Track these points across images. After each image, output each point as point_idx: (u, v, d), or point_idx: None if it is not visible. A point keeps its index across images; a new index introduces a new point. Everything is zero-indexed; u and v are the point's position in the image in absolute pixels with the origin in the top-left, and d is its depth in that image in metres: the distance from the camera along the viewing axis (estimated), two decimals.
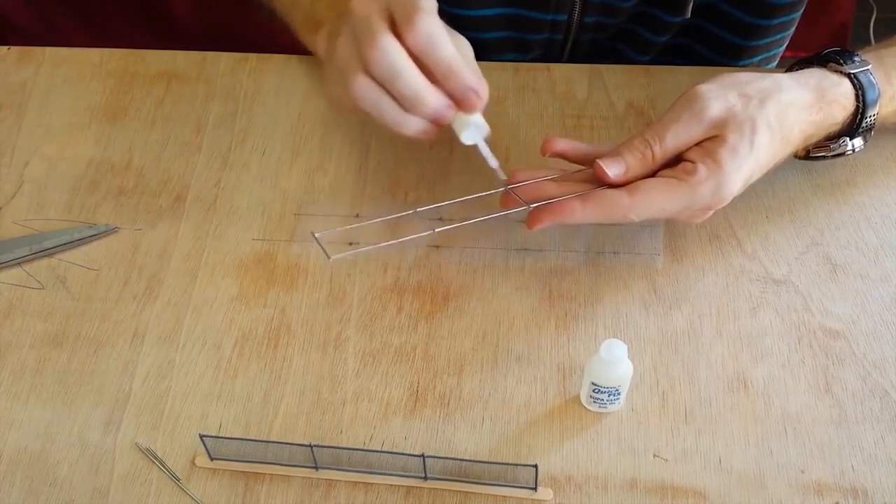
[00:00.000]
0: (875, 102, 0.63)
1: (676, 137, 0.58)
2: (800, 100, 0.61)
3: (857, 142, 0.64)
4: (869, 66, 0.64)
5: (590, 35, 0.82)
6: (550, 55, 0.84)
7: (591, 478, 0.55)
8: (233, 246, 0.66)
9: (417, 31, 0.56)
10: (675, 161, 0.59)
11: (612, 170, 0.58)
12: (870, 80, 0.63)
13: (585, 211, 0.58)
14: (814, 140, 0.64)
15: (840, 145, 0.64)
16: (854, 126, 0.64)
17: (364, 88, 0.57)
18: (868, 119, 0.63)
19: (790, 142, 0.61)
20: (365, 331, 0.61)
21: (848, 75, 0.63)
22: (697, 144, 0.59)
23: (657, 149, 0.58)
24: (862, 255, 0.65)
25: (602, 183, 0.59)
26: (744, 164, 0.58)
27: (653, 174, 0.59)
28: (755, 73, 0.61)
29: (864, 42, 0.87)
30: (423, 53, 0.56)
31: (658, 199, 0.58)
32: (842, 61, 0.64)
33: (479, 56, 0.61)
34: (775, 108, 0.59)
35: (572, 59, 0.83)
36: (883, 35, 0.71)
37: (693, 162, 0.58)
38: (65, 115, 0.75)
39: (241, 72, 0.78)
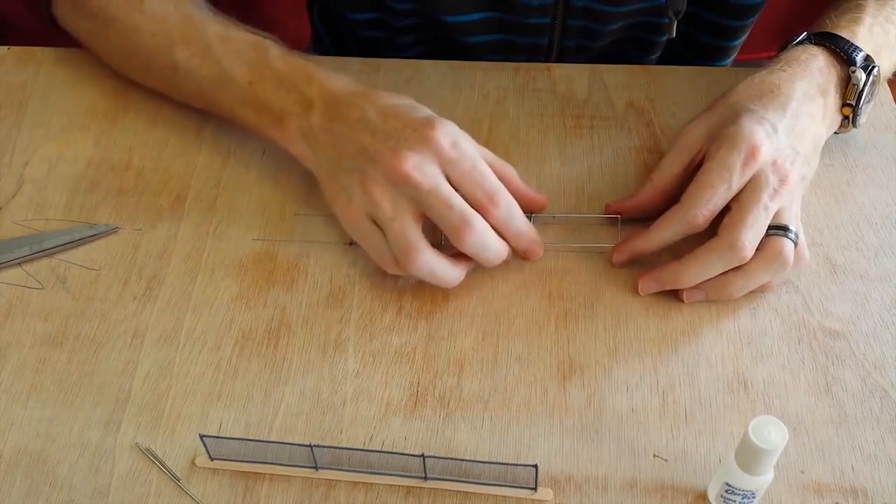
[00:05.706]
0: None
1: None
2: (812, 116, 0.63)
3: (860, 74, 0.65)
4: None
5: (574, 41, 0.83)
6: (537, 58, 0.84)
7: (591, 478, 0.55)
8: (233, 246, 0.66)
9: (499, 208, 0.60)
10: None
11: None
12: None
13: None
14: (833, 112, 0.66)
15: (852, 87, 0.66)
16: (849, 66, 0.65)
17: (427, 263, 0.59)
18: (856, 55, 0.65)
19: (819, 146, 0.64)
20: (365, 331, 0.61)
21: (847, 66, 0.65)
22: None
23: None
24: (862, 255, 0.65)
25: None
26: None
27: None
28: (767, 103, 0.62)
29: None
30: (503, 227, 0.60)
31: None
32: (845, 59, 0.65)
33: (468, 59, 0.61)
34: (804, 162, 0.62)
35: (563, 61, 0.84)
36: None
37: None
38: (65, 115, 0.75)
39: None
